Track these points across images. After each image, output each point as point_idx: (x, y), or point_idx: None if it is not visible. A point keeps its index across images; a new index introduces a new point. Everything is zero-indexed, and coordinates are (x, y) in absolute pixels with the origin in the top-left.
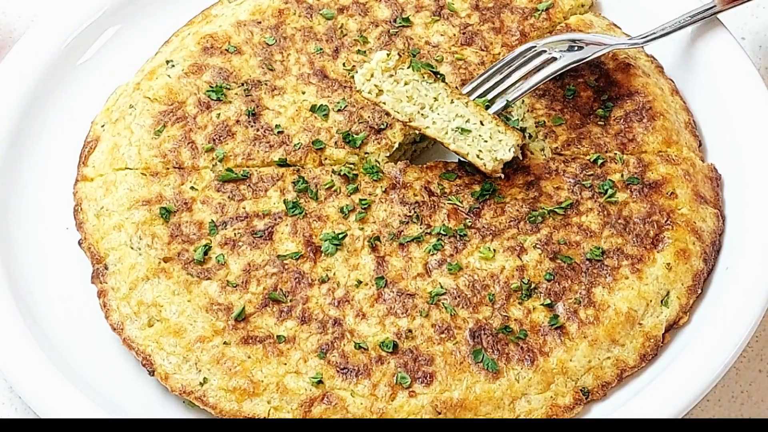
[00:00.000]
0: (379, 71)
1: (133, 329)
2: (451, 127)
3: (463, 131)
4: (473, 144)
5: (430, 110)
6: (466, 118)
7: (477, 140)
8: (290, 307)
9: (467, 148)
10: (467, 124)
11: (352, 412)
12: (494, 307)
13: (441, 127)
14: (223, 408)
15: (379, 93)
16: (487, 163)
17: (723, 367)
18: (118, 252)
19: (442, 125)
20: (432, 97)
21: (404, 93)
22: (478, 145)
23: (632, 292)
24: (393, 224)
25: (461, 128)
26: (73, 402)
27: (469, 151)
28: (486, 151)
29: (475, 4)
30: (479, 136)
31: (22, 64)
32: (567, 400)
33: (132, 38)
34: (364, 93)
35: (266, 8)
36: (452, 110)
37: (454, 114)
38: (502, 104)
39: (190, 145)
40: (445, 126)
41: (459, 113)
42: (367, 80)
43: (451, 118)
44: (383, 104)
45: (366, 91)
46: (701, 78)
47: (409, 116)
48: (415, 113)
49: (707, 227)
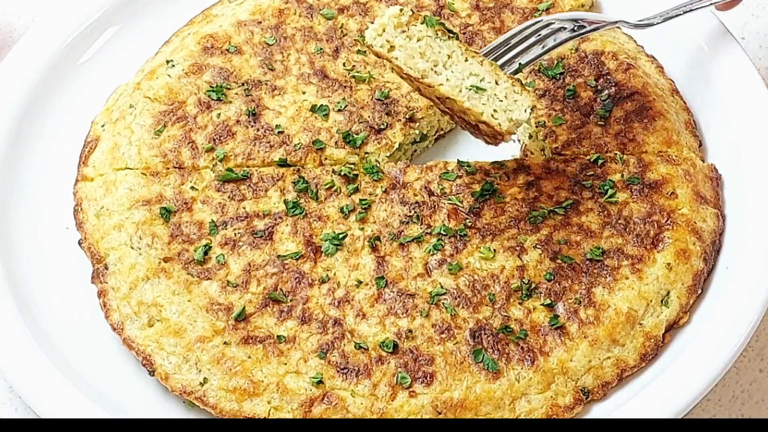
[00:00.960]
0: (392, 26)
1: (133, 329)
2: (465, 85)
3: (478, 89)
4: (488, 103)
5: (443, 67)
6: (481, 76)
7: (492, 99)
8: (290, 307)
9: (482, 106)
10: (482, 83)
11: (353, 412)
12: (494, 307)
13: (455, 84)
14: (223, 408)
15: (391, 49)
16: (503, 122)
17: (723, 366)
18: (118, 252)
19: (456, 82)
20: (446, 54)
21: (417, 49)
22: (493, 104)
23: (632, 292)
24: (393, 224)
25: (476, 86)
26: (73, 402)
27: (483, 110)
28: (501, 111)
29: (476, 4)
30: (494, 95)
31: (22, 64)
32: (567, 400)
33: (132, 38)
34: (376, 47)
35: (266, 8)
36: (467, 68)
37: (469, 72)
38: (514, 68)
39: (190, 145)
40: (459, 84)
41: (473, 71)
42: (379, 35)
43: (466, 75)
44: (395, 60)
45: (378, 46)
46: (701, 78)
47: (421, 72)
48: (428, 69)
49: (707, 227)
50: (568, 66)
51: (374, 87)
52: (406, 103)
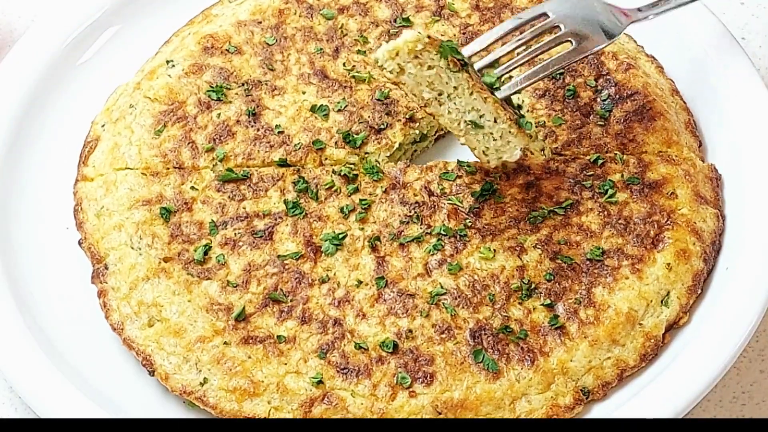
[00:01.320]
0: (406, 51)
1: (133, 329)
2: (465, 119)
3: (476, 126)
4: (482, 140)
5: (447, 98)
6: (481, 113)
7: (487, 137)
8: (290, 307)
9: (475, 143)
10: (481, 120)
11: (353, 412)
12: (494, 307)
13: (455, 117)
14: (223, 408)
15: (400, 72)
16: (492, 161)
17: (723, 367)
18: (118, 252)
19: (456, 116)
20: (452, 86)
21: (426, 78)
22: (487, 142)
23: (632, 292)
24: (393, 224)
25: (474, 122)
26: (73, 402)
27: (477, 146)
28: (493, 150)
29: (476, 4)
30: (490, 134)
31: (22, 64)
32: (567, 400)
33: (132, 38)
34: (386, 71)
35: (266, 8)
36: (469, 102)
37: (471, 107)
38: (511, 91)
39: (190, 145)
40: (459, 117)
41: (475, 107)
42: (392, 58)
43: (467, 110)
44: (402, 84)
45: (387, 68)
46: (701, 78)
47: (426, 101)
48: (433, 99)
49: (707, 227)
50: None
51: (374, 87)
52: (406, 103)
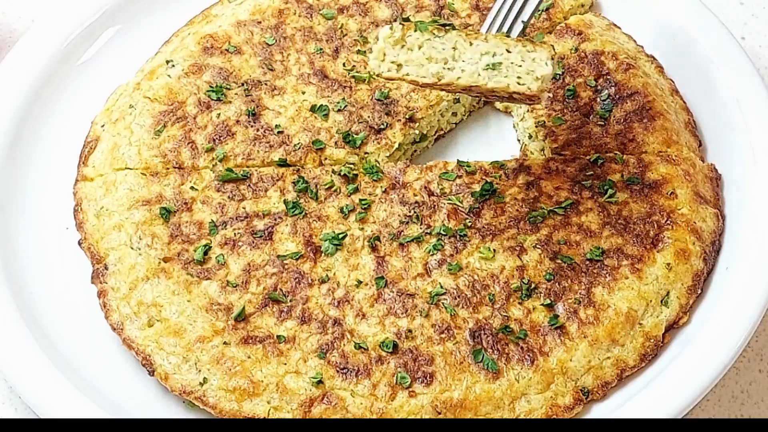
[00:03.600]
0: (390, 46)
1: (133, 329)
2: (480, 67)
3: (495, 66)
4: (509, 74)
5: (454, 61)
6: (491, 52)
7: (511, 68)
8: (290, 307)
9: (505, 80)
10: (495, 58)
11: (352, 412)
12: (494, 307)
13: (472, 71)
14: (223, 408)
15: (399, 68)
16: (531, 85)
17: (723, 367)
18: (118, 252)
19: (472, 69)
20: (450, 47)
21: (422, 57)
22: (515, 73)
23: (632, 292)
24: (393, 224)
25: (491, 64)
26: (73, 402)
27: (509, 83)
28: (525, 75)
29: (475, 4)
30: (511, 64)
31: (22, 64)
32: (567, 400)
33: (132, 38)
34: (384, 74)
35: (266, 8)
36: (476, 50)
37: (479, 54)
38: (520, 27)
39: (190, 145)
40: (475, 68)
41: (483, 51)
42: (381, 61)
43: (478, 58)
44: (407, 77)
45: (385, 72)
46: (701, 78)
47: (437, 75)
48: (441, 69)
49: (707, 227)
50: (568, 66)
51: (374, 87)
52: (406, 103)
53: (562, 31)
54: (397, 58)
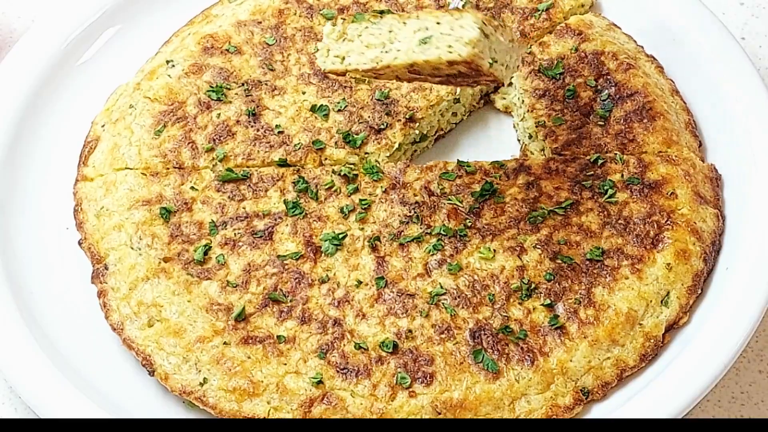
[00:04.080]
0: (333, 42)
1: (133, 329)
2: (414, 44)
3: (427, 40)
4: (440, 44)
5: (390, 43)
6: (423, 27)
7: (441, 39)
8: (290, 307)
9: (436, 51)
10: (426, 32)
11: (352, 412)
12: (494, 308)
13: (406, 49)
14: (223, 408)
15: (342, 60)
16: (461, 51)
17: (723, 367)
18: (118, 252)
19: (407, 47)
20: (387, 30)
21: (362, 45)
22: (445, 42)
23: (632, 293)
24: (393, 224)
25: (423, 39)
26: (73, 402)
27: (439, 53)
28: (454, 42)
29: (476, 4)
30: (440, 34)
31: (22, 64)
32: (567, 400)
33: (132, 38)
34: (329, 68)
35: (266, 8)
36: (409, 29)
37: (413, 31)
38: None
39: (190, 145)
40: (409, 46)
41: (416, 28)
42: (326, 57)
43: (412, 36)
44: (350, 67)
45: (330, 65)
46: (701, 78)
47: (375, 60)
48: (380, 53)
49: (707, 227)
50: (568, 66)
51: (374, 87)
52: (406, 103)
53: (562, 31)
54: (340, 51)
